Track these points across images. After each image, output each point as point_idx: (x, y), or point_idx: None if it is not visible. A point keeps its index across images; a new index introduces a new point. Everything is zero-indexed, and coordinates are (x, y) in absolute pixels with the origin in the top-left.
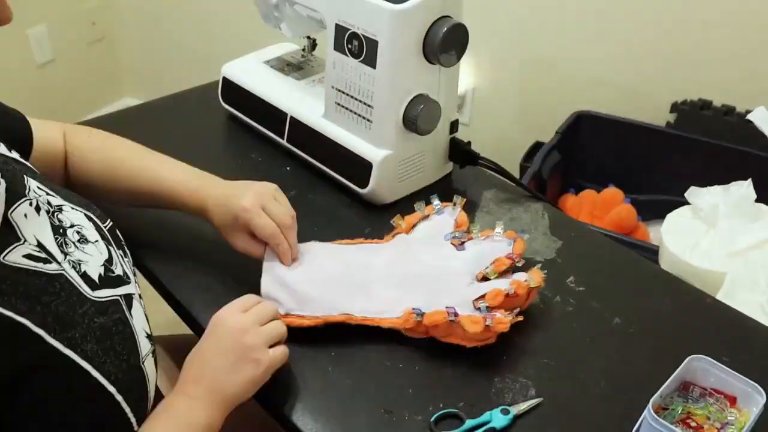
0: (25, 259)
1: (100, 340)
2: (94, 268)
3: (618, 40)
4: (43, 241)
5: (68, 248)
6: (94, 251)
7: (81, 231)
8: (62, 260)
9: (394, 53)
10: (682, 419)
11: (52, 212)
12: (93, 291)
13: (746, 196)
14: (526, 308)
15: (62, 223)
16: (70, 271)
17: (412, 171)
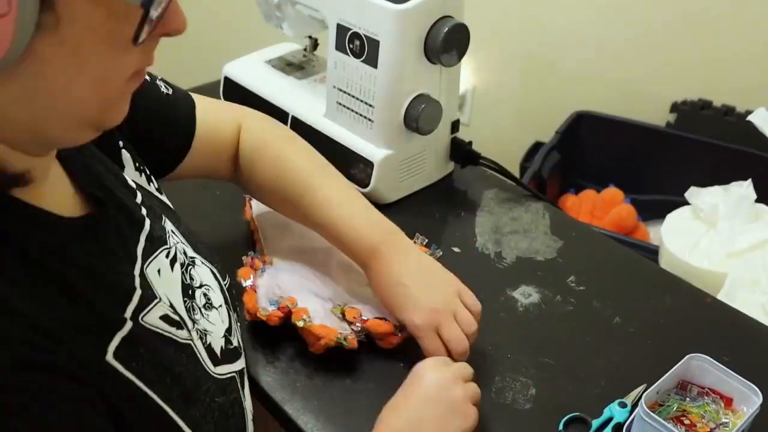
0: (162, 322)
1: (218, 421)
2: (217, 340)
3: (618, 40)
4: (174, 302)
5: (195, 314)
6: (217, 320)
7: (208, 293)
8: (191, 328)
9: (395, 53)
10: (676, 416)
11: (185, 266)
12: (215, 367)
13: (746, 196)
14: None
15: (192, 282)
16: (197, 341)
17: (413, 171)
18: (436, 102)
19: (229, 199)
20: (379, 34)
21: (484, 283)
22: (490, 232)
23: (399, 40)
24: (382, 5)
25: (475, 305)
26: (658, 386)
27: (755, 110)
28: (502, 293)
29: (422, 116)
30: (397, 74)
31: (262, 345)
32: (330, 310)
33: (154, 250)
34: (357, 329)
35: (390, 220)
